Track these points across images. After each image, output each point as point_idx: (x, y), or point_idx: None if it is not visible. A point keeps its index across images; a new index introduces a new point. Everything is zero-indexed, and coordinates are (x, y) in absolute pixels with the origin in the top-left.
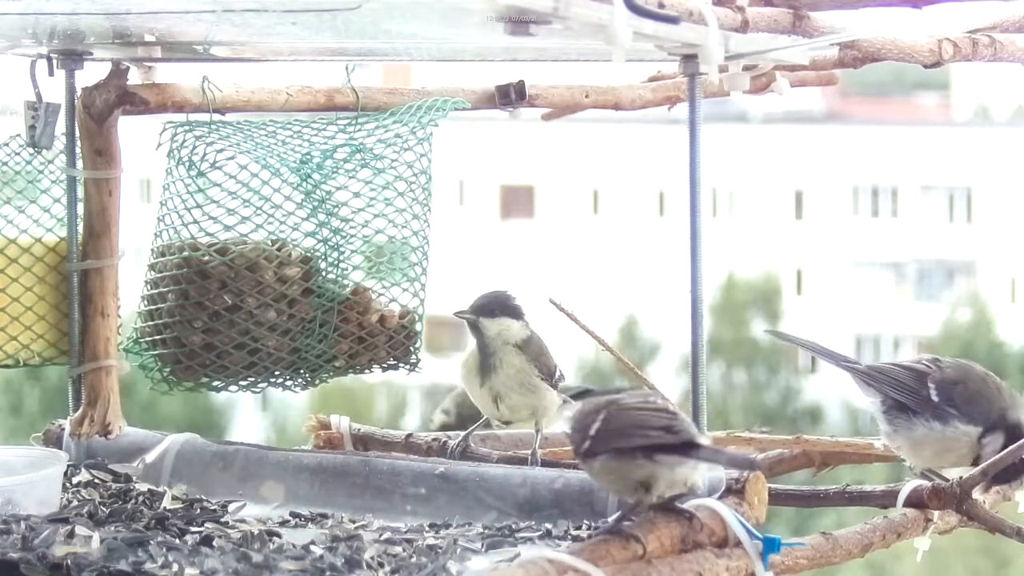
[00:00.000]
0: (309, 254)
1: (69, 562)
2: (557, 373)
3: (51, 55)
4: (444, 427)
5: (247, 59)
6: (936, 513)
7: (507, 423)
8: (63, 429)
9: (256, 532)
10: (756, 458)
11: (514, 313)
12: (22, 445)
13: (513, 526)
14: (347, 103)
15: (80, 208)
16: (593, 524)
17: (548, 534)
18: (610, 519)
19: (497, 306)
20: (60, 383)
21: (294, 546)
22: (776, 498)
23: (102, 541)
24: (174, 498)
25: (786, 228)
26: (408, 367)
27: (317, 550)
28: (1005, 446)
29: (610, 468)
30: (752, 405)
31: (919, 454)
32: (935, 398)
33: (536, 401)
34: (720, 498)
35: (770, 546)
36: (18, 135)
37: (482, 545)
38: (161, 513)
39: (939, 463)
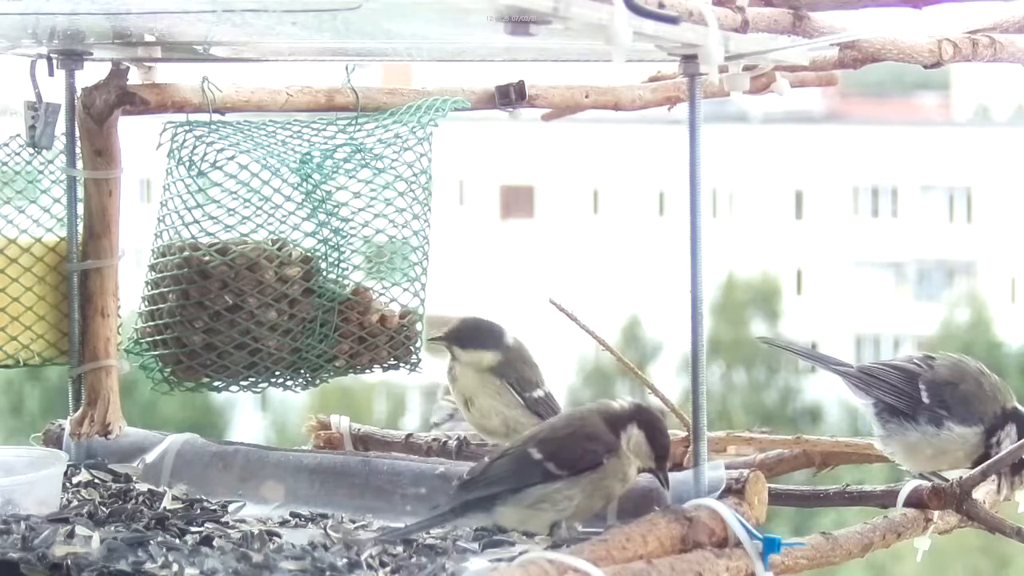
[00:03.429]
0: (309, 254)
1: (69, 562)
2: (537, 391)
3: (51, 55)
4: (450, 414)
5: (247, 59)
6: (936, 513)
7: (487, 435)
8: (63, 429)
9: (256, 532)
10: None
11: (486, 344)
12: (22, 445)
13: None
14: (347, 103)
15: (80, 208)
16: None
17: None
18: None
19: (472, 335)
20: (60, 383)
21: (294, 546)
22: (776, 498)
23: (102, 541)
24: (174, 498)
25: (786, 228)
26: (408, 367)
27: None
28: (1020, 437)
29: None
30: (752, 405)
31: (914, 458)
32: (926, 400)
33: (504, 409)
34: (720, 498)
35: (770, 546)
36: (18, 135)
37: (481, 545)
38: (161, 513)
39: (934, 466)
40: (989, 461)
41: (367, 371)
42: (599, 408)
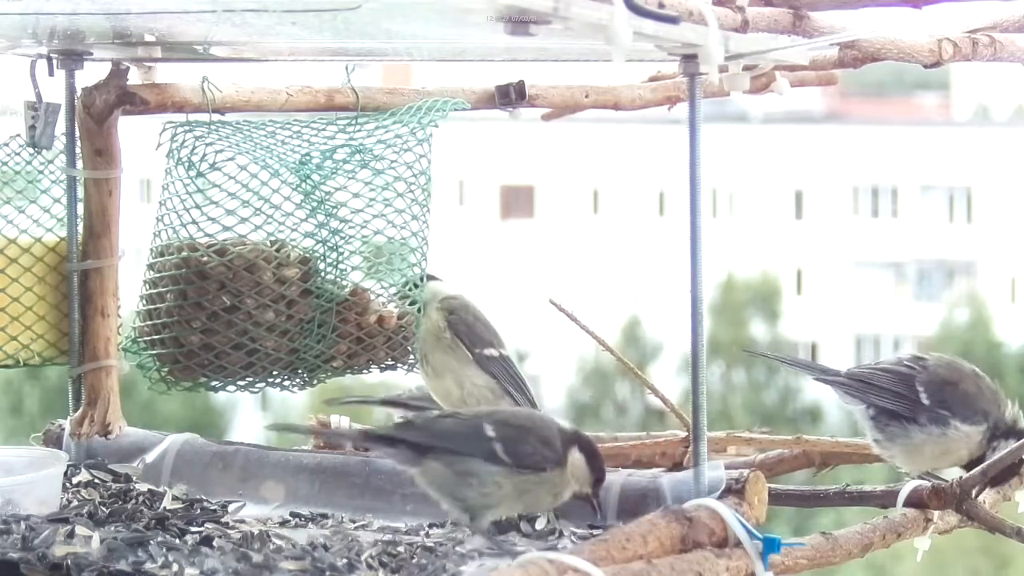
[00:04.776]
0: (308, 255)
1: (69, 562)
2: (489, 350)
3: (51, 55)
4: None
5: (247, 59)
6: (936, 513)
7: (445, 402)
8: (63, 429)
9: (256, 532)
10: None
11: (435, 278)
12: (22, 445)
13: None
14: (347, 103)
15: (80, 208)
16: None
17: (548, 533)
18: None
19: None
20: (60, 383)
21: (294, 546)
22: (776, 498)
23: (102, 541)
24: (174, 498)
25: (786, 228)
26: (406, 368)
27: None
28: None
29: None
30: (752, 405)
31: (915, 459)
32: (926, 401)
33: (456, 365)
34: (720, 498)
35: (770, 546)
36: (18, 135)
37: (482, 545)
38: (161, 513)
39: (935, 466)
40: (989, 460)
41: (364, 372)
42: (553, 420)
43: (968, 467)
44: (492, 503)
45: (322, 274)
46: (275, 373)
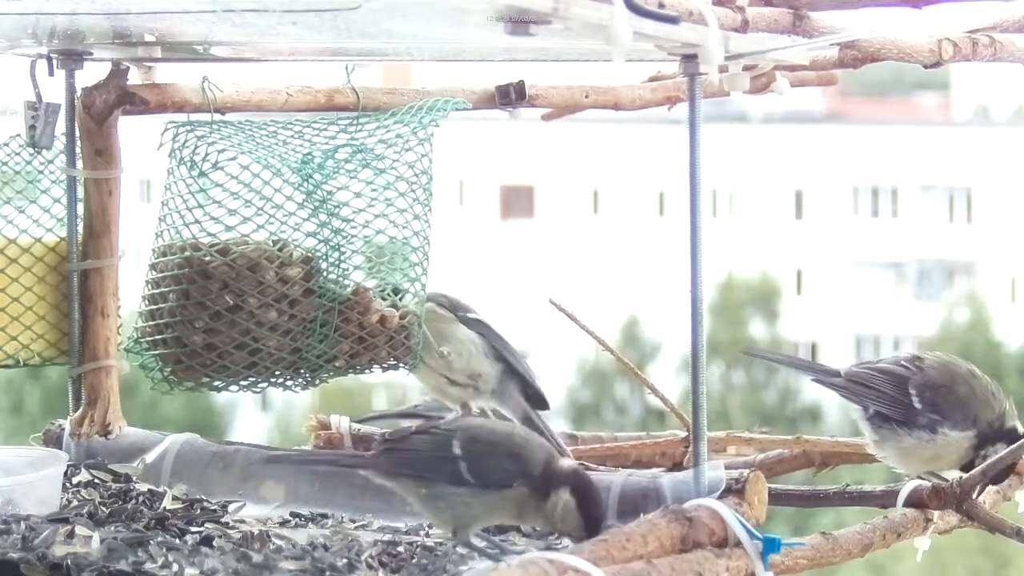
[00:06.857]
0: (310, 254)
1: (69, 562)
2: (472, 314)
3: (51, 55)
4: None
5: (247, 59)
6: (936, 513)
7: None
8: (63, 429)
9: (256, 532)
10: None
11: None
12: (22, 445)
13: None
14: (347, 103)
15: (80, 208)
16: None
17: (548, 533)
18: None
19: None
20: (60, 383)
21: (294, 546)
22: (776, 498)
23: (102, 541)
24: (174, 498)
25: (786, 228)
26: (408, 367)
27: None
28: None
29: None
30: (751, 405)
31: (906, 462)
32: (918, 405)
33: (442, 325)
34: (720, 498)
35: (770, 546)
36: (18, 135)
37: (482, 544)
38: (161, 513)
39: (928, 469)
40: (989, 460)
41: (367, 371)
42: (548, 447)
43: (964, 468)
44: (467, 521)
45: (324, 273)
46: (278, 373)
